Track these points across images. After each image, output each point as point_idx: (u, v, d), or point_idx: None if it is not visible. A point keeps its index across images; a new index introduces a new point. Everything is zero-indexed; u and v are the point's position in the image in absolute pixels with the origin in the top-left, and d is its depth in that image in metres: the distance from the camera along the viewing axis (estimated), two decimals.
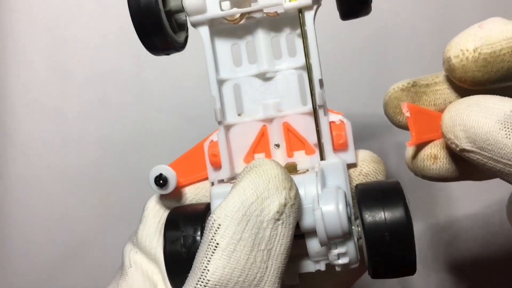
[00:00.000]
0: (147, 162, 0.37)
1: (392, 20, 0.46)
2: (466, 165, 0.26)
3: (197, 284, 0.20)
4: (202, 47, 0.26)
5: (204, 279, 0.20)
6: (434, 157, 0.26)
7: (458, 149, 0.23)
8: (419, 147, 0.26)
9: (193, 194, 0.27)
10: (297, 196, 0.21)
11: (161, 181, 0.26)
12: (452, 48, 0.24)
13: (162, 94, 0.47)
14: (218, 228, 0.20)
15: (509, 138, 0.21)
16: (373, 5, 0.25)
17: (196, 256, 0.21)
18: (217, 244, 0.20)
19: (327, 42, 0.45)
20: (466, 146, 0.22)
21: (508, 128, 0.21)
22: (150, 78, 0.46)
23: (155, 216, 0.27)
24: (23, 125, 0.47)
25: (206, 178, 0.27)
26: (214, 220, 0.20)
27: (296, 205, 0.21)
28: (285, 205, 0.21)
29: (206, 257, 0.20)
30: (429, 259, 0.47)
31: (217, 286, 0.20)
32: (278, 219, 0.21)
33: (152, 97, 0.47)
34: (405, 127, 0.26)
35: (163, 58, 0.28)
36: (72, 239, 0.48)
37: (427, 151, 0.26)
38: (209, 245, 0.20)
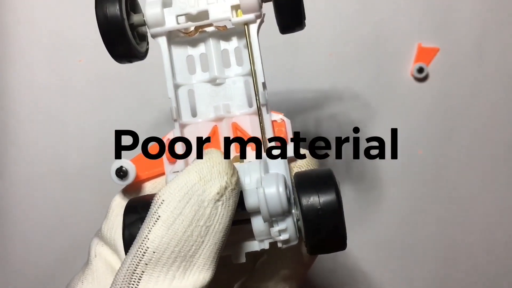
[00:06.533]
0: None
1: (391, 18, 0.48)
2: None
3: (137, 250, 0.22)
4: (160, 56, 0.29)
5: (144, 246, 0.22)
6: None
7: None
8: None
9: (151, 188, 0.30)
10: (238, 182, 0.24)
11: (121, 173, 0.28)
12: None
13: (162, 95, 0.46)
14: (161, 203, 0.23)
15: None
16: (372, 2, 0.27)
17: (140, 228, 0.23)
18: (159, 216, 0.23)
19: (326, 42, 0.48)
20: None
21: None
22: (151, 79, 0.47)
23: (116, 210, 0.30)
24: (24, 125, 0.48)
25: (164, 173, 0.30)
26: (159, 197, 0.23)
27: (236, 190, 0.24)
28: (225, 188, 0.23)
29: (148, 228, 0.23)
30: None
31: (155, 253, 0.22)
32: (219, 200, 0.23)
33: (152, 97, 0.48)
34: None
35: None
36: (73, 239, 0.48)
37: None
38: (152, 217, 0.23)
